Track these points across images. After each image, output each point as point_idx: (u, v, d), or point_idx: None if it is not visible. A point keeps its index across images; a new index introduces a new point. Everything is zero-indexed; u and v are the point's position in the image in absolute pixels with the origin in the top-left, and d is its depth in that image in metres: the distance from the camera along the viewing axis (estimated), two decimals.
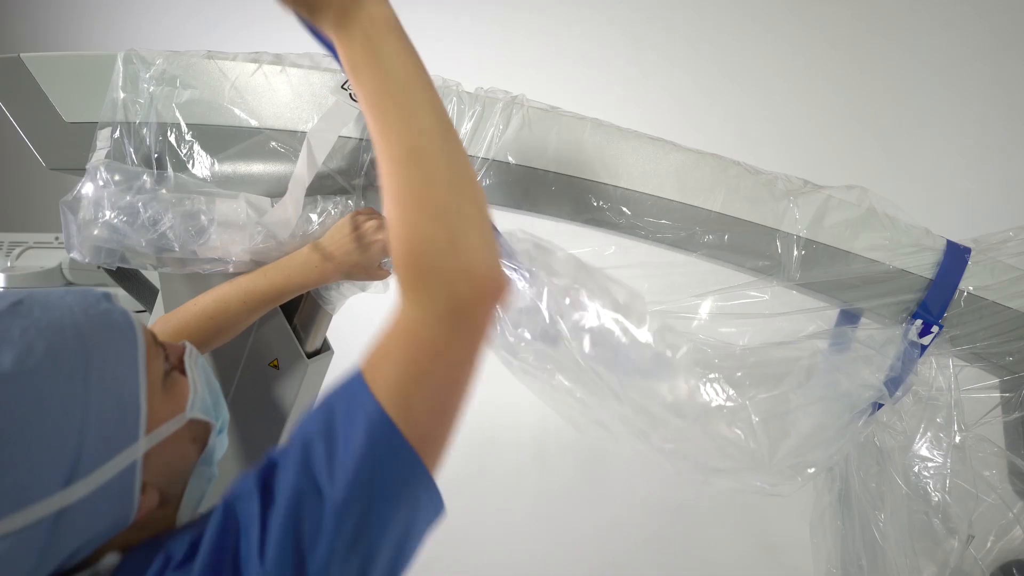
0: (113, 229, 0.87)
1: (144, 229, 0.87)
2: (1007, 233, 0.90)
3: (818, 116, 2.01)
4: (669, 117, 2.03)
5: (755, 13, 2.02)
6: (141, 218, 0.87)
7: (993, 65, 1.91)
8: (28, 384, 0.43)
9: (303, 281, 0.91)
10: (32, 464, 0.43)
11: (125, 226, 0.86)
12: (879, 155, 1.98)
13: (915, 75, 1.95)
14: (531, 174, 0.90)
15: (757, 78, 2.04)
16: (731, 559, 2.13)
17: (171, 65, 0.91)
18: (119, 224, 0.86)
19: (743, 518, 2.12)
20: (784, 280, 0.89)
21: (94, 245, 0.88)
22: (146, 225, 0.86)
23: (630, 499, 2.18)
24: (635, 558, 2.19)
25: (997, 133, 1.92)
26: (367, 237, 0.90)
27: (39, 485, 0.43)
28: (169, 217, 0.87)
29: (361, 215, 0.91)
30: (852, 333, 0.90)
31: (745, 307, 0.92)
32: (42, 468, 0.43)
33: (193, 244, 0.88)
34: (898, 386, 0.86)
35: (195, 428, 0.58)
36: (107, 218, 0.86)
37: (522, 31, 2.15)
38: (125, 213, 0.86)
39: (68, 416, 0.45)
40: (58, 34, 2.50)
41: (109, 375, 0.48)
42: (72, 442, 0.45)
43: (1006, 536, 0.90)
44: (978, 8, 1.90)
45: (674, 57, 2.08)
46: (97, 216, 0.86)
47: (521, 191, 0.90)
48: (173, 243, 0.87)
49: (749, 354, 0.84)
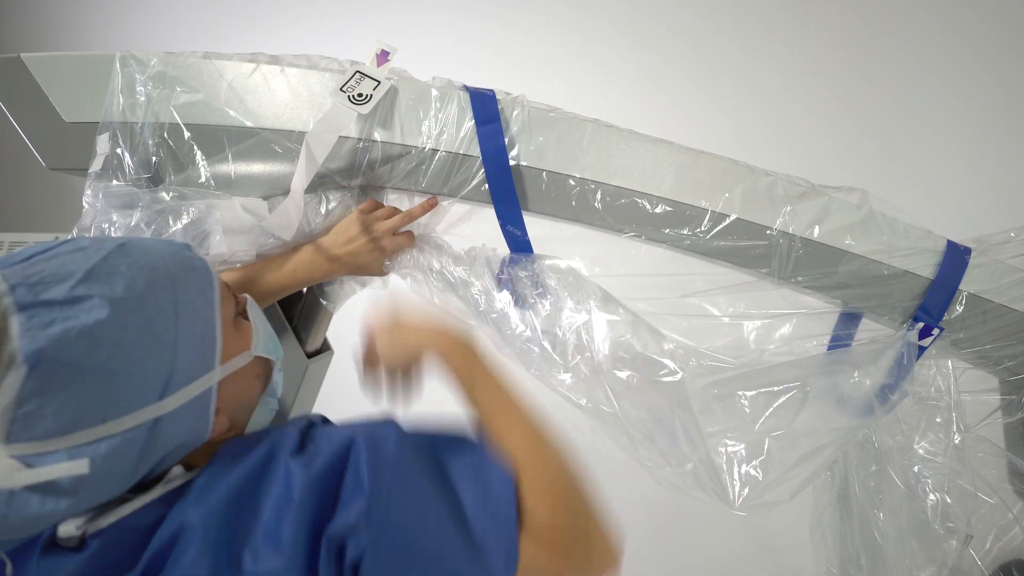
0: None
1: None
2: (1008, 233, 0.90)
3: (818, 116, 2.01)
4: (669, 117, 2.02)
5: (755, 13, 2.02)
6: (146, 235, 0.87)
7: (993, 65, 1.90)
8: (137, 308, 0.52)
9: (307, 277, 0.91)
10: (139, 376, 0.51)
11: None
12: (879, 155, 1.98)
13: (915, 75, 1.95)
14: (532, 174, 0.90)
15: (757, 78, 2.04)
16: (731, 559, 2.12)
17: (168, 66, 0.91)
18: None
19: (743, 518, 2.12)
20: (784, 281, 0.89)
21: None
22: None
23: (630, 499, 2.17)
24: (635, 558, 2.19)
25: (997, 133, 1.92)
26: (377, 239, 0.91)
27: (142, 394, 0.52)
28: (172, 232, 0.88)
29: (366, 212, 0.91)
30: (852, 335, 0.90)
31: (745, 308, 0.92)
32: (146, 380, 0.52)
33: (200, 252, 0.88)
34: (895, 390, 0.86)
35: (259, 366, 0.67)
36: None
37: (522, 31, 2.15)
38: (133, 233, 0.87)
39: (164, 339, 0.53)
40: (58, 34, 2.50)
41: (192, 309, 0.57)
42: (167, 361, 0.53)
43: (1006, 536, 0.90)
44: (978, 8, 1.90)
45: (674, 57, 2.08)
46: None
47: (520, 191, 0.90)
48: None
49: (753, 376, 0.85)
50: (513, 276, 0.89)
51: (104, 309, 0.49)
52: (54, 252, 0.52)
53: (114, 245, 0.54)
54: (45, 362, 0.47)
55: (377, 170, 0.91)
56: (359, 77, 0.87)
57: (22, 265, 0.50)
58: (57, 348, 0.47)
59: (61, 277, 0.49)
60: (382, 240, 0.91)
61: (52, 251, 0.53)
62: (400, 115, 0.89)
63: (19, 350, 0.46)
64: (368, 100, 0.85)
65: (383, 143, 0.89)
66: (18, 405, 0.46)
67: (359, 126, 0.89)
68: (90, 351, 0.48)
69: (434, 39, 2.11)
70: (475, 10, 2.16)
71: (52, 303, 0.48)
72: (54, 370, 0.47)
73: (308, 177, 0.86)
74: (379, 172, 0.92)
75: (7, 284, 0.47)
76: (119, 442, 0.50)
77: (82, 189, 0.90)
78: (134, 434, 0.51)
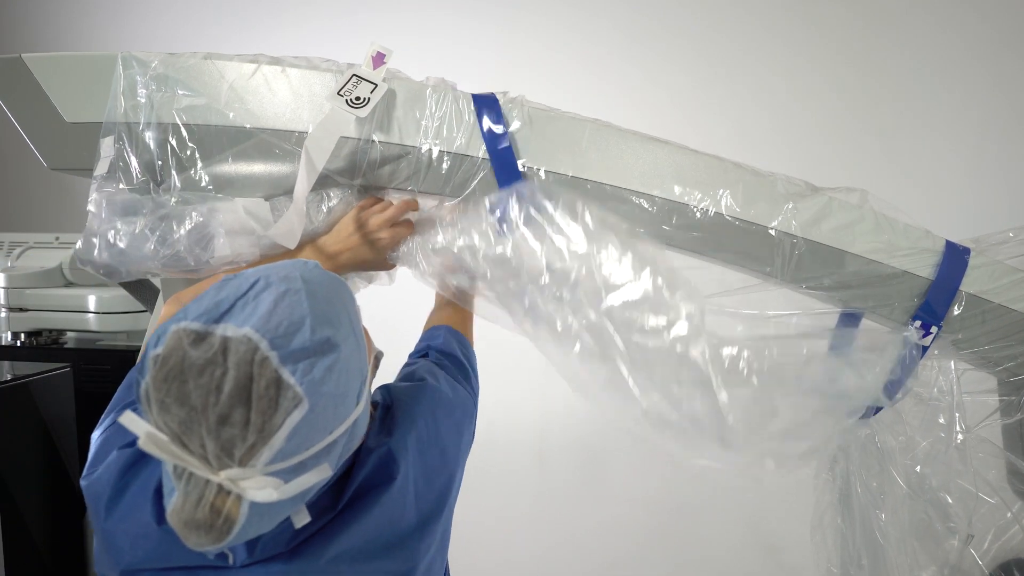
0: (126, 259, 0.89)
1: (156, 253, 0.88)
2: (1007, 233, 0.90)
3: (818, 116, 2.01)
4: (669, 117, 2.02)
5: (755, 13, 2.02)
6: (151, 242, 0.88)
7: (993, 65, 1.91)
8: (349, 336, 0.61)
9: None
10: (353, 390, 0.61)
11: (136, 252, 0.88)
12: (879, 155, 1.98)
13: (915, 75, 1.95)
14: (531, 174, 0.90)
15: (757, 78, 2.04)
16: (731, 559, 2.13)
17: (170, 67, 0.91)
18: (132, 253, 0.88)
19: (743, 518, 2.12)
20: (784, 281, 0.89)
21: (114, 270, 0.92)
22: (157, 249, 0.88)
23: (630, 499, 2.18)
24: (635, 558, 2.19)
25: (997, 133, 1.92)
26: (374, 234, 0.90)
27: (352, 403, 0.61)
28: (176, 237, 0.88)
29: (365, 209, 0.91)
30: (853, 335, 0.90)
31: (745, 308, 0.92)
32: (355, 395, 0.61)
33: (205, 256, 0.88)
34: (898, 389, 0.86)
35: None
36: (119, 250, 0.89)
37: (522, 31, 2.15)
38: (138, 240, 0.88)
39: (360, 359, 0.63)
40: (58, 34, 2.50)
41: (358, 323, 0.65)
42: (361, 375, 0.63)
43: (1005, 535, 0.90)
44: (978, 8, 1.90)
45: (674, 57, 2.08)
46: (108, 252, 0.89)
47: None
48: (188, 260, 0.89)
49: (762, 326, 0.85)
50: (506, 205, 0.88)
51: (337, 346, 0.58)
52: (269, 301, 0.58)
53: (301, 284, 0.60)
54: (316, 399, 0.55)
55: (377, 171, 0.91)
56: (356, 80, 0.87)
57: (256, 319, 0.56)
58: (322, 386, 0.56)
59: (297, 325, 0.57)
60: (380, 233, 0.90)
61: (260, 299, 0.58)
62: (398, 117, 0.90)
63: (301, 394, 0.54)
64: (366, 103, 0.85)
65: (382, 144, 0.90)
66: (289, 437, 0.54)
67: (358, 128, 0.89)
68: (338, 382, 0.58)
69: (434, 39, 2.11)
70: (475, 10, 2.16)
71: (304, 350, 0.56)
72: (319, 403, 0.55)
73: (309, 184, 0.86)
74: (380, 173, 0.92)
75: (267, 340, 0.55)
76: (339, 443, 0.59)
77: (83, 189, 0.90)
78: (346, 434, 0.60)
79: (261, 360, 0.54)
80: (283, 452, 0.55)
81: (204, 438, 0.53)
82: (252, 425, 0.53)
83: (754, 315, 0.89)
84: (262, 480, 0.54)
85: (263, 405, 0.54)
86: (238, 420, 0.53)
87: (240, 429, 0.53)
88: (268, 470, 0.54)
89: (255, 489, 0.53)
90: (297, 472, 0.56)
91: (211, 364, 0.54)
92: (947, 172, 1.95)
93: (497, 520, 2.15)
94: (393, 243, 0.93)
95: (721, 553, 2.14)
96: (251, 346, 0.54)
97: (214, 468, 0.54)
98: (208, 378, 0.54)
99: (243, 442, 0.53)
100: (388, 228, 0.91)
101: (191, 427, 0.54)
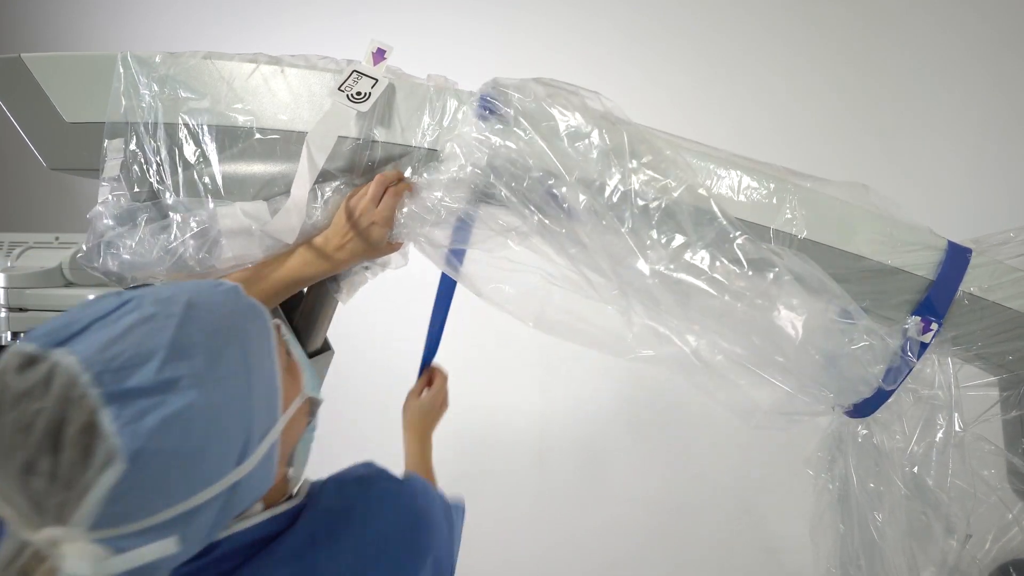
0: (132, 265, 0.89)
1: (161, 260, 0.88)
2: (1007, 234, 0.90)
3: (818, 116, 2.01)
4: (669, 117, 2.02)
5: (755, 13, 2.02)
6: (155, 248, 0.88)
7: (993, 65, 1.91)
8: (220, 380, 0.50)
9: (314, 273, 0.90)
10: (224, 447, 0.50)
11: (141, 259, 0.88)
12: (879, 155, 1.98)
13: (915, 75, 1.95)
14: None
15: (757, 78, 2.04)
16: (731, 559, 2.13)
17: (170, 67, 0.91)
18: (137, 261, 0.89)
19: (743, 518, 2.12)
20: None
21: (120, 277, 0.92)
22: (162, 257, 0.88)
23: (630, 499, 2.18)
24: (635, 558, 2.19)
25: (997, 133, 1.92)
26: (362, 223, 0.87)
27: (225, 464, 0.51)
28: (180, 243, 0.88)
29: (352, 200, 0.89)
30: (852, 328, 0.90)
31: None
32: (229, 450, 0.51)
33: (210, 260, 0.88)
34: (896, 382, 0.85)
35: (308, 404, 0.65)
36: (124, 257, 0.89)
37: (522, 31, 2.15)
38: (142, 247, 0.88)
39: (244, 404, 0.52)
40: (58, 34, 2.50)
41: (258, 364, 0.55)
42: (246, 426, 0.52)
43: (1005, 536, 0.90)
44: (978, 8, 1.90)
45: (674, 57, 2.08)
46: (113, 259, 0.89)
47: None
48: (193, 266, 0.89)
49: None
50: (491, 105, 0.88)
51: (192, 391, 0.47)
52: (124, 325, 0.48)
53: (181, 309, 0.51)
54: (143, 455, 0.45)
55: (378, 169, 0.91)
56: (356, 76, 0.87)
57: (94, 345, 0.46)
58: (154, 440, 0.45)
59: (144, 358, 0.46)
60: (369, 214, 0.87)
61: (119, 323, 0.48)
62: (399, 114, 0.90)
63: (118, 448, 0.44)
64: (367, 98, 0.85)
65: (383, 143, 0.89)
66: (111, 499, 0.44)
67: (359, 125, 0.89)
68: (184, 436, 0.47)
69: (434, 39, 2.11)
70: (475, 10, 2.16)
71: (141, 391, 0.45)
72: (150, 461, 0.45)
73: (311, 181, 0.86)
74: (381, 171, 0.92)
75: (91, 373, 0.44)
76: (199, 509, 0.49)
77: (83, 189, 0.91)
78: (212, 503, 0.50)
79: (79, 397, 0.44)
80: (109, 516, 0.44)
81: (11, 487, 0.44)
82: (59, 479, 0.44)
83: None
84: (84, 548, 0.44)
85: (73, 455, 0.44)
86: (44, 470, 0.44)
87: (46, 482, 0.44)
88: (96, 536, 0.44)
89: (74, 558, 0.43)
90: (135, 542, 0.45)
91: (27, 396, 0.44)
92: (947, 172, 1.95)
93: (497, 520, 2.15)
94: (385, 218, 0.88)
95: (721, 553, 2.14)
96: (70, 379, 0.44)
97: (33, 524, 0.44)
98: (20, 413, 0.44)
99: (51, 497, 0.44)
100: (375, 206, 0.87)
101: (2, 470, 0.44)
